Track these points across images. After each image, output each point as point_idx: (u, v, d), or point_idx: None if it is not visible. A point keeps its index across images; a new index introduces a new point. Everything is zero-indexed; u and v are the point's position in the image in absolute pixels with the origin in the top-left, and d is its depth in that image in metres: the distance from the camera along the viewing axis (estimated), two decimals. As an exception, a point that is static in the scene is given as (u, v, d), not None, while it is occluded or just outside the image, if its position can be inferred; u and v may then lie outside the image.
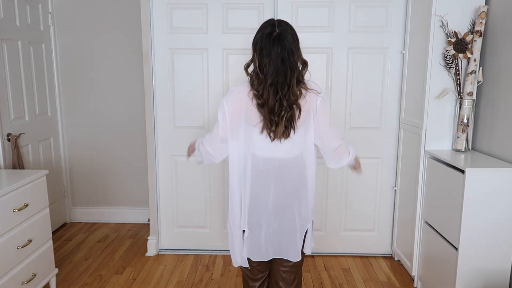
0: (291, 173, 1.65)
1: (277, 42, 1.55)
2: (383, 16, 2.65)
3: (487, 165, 1.99)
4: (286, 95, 1.55)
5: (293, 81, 1.56)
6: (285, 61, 1.54)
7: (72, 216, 3.59)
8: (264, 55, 1.55)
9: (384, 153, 2.81)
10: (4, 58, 2.73)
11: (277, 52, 1.54)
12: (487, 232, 1.96)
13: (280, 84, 1.54)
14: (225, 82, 2.79)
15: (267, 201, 1.65)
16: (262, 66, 1.55)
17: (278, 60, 1.54)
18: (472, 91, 2.22)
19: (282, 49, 1.55)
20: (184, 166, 2.89)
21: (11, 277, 2.02)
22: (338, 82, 2.74)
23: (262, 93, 1.56)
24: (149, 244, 2.97)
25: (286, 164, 1.63)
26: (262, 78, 1.55)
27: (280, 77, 1.54)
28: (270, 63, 1.54)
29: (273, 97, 1.54)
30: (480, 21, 2.14)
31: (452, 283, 2.02)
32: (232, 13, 2.70)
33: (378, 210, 2.88)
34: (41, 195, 2.28)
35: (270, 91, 1.54)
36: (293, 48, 1.56)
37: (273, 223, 1.66)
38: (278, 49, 1.54)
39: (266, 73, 1.55)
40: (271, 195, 1.64)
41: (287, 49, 1.55)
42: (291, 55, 1.56)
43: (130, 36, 3.28)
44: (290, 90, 1.55)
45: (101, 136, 3.46)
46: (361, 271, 2.73)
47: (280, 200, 1.65)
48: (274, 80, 1.54)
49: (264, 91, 1.55)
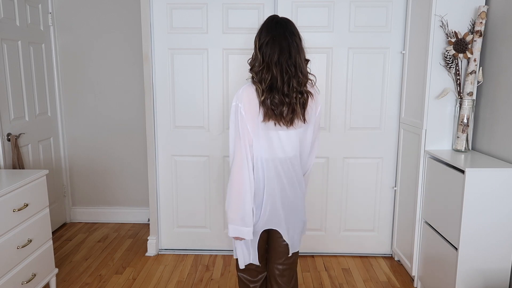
0: (297, 171, 1.65)
1: (280, 25, 1.54)
2: (383, 16, 2.65)
3: (487, 165, 1.99)
4: (295, 76, 1.50)
5: (299, 61, 1.51)
6: (289, 39, 1.51)
7: (72, 216, 3.59)
8: (267, 35, 1.52)
9: (384, 153, 2.81)
10: (4, 58, 2.73)
11: (280, 32, 1.51)
12: (487, 232, 1.96)
13: (286, 62, 1.49)
14: (225, 82, 2.79)
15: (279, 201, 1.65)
16: (265, 48, 1.51)
17: (282, 39, 1.50)
18: (472, 91, 2.21)
19: (285, 29, 1.52)
20: (184, 166, 2.89)
21: (11, 277, 2.02)
22: (338, 82, 2.74)
23: (269, 77, 1.50)
24: (149, 244, 2.97)
25: (294, 162, 1.63)
26: (268, 60, 1.50)
27: (284, 55, 1.49)
28: (274, 43, 1.50)
29: (281, 77, 1.49)
30: (480, 21, 2.13)
31: (452, 283, 2.02)
32: (232, 13, 2.70)
33: (378, 210, 2.88)
34: (41, 195, 2.28)
35: (277, 71, 1.49)
36: (295, 32, 1.54)
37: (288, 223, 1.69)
38: (281, 29, 1.52)
39: (270, 54, 1.50)
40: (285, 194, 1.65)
41: (289, 29, 1.53)
42: (293, 36, 1.52)
43: (130, 36, 3.28)
44: (298, 70, 1.51)
45: (101, 136, 3.46)
46: (361, 271, 2.73)
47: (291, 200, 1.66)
48: (280, 59, 1.49)
49: (270, 74, 1.50)
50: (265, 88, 1.52)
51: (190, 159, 2.89)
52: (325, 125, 2.79)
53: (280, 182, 1.62)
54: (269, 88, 1.51)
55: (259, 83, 1.54)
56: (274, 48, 1.51)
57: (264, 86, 1.52)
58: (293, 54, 1.51)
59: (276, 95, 1.51)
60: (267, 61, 1.51)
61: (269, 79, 1.51)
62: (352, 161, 2.83)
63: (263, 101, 1.52)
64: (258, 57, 1.54)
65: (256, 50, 1.56)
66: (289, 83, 1.50)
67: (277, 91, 1.51)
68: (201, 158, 2.89)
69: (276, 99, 1.51)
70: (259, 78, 1.54)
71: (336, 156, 2.83)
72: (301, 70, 1.52)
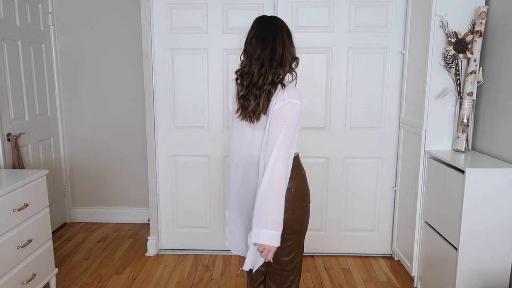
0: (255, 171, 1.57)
1: (265, 21, 1.54)
2: (383, 16, 2.65)
3: (487, 165, 1.99)
4: (274, 71, 1.48)
5: (283, 56, 1.49)
6: (274, 34, 1.49)
7: (72, 216, 3.59)
8: (250, 33, 1.53)
9: (384, 153, 2.81)
10: (4, 58, 2.73)
11: (265, 28, 1.51)
12: (487, 232, 1.96)
13: (268, 57, 1.48)
14: (225, 82, 2.79)
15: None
16: (248, 46, 1.51)
17: (266, 34, 1.49)
18: (472, 91, 2.21)
19: (270, 25, 1.52)
20: (184, 166, 2.89)
21: (11, 277, 2.02)
22: (338, 82, 2.74)
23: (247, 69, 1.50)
24: (149, 244, 2.97)
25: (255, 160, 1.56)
26: (250, 57, 1.50)
27: (266, 50, 1.48)
28: (257, 39, 1.49)
29: (258, 70, 1.48)
30: (480, 21, 2.13)
31: (452, 283, 2.02)
32: (232, 13, 2.70)
33: (378, 210, 2.88)
34: (41, 195, 2.28)
35: (256, 64, 1.48)
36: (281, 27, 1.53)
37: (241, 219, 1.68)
38: (265, 26, 1.52)
39: (252, 51, 1.49)
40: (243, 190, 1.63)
41: (275, 25, 1.52)
42: (280, 31, 1.51)
43: (130, 36, 3.28)
44: (279, 66, 1.48)
45: (101, 136, 3.46)
46: (361, 271, 2.73)
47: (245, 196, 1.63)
48: (261, 54, 1.48)
49: (250, 66, 1.49)
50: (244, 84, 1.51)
51: (190, 159, 2.89)
52: (325, 125, 2.79)
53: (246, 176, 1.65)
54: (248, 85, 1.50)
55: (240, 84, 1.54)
56: (257, 44, 1.50)
57: (245, 83, 1.51)
58: (277, 50, 1.49)
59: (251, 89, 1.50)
60: (249, 59, 1.51)
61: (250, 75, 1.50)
62: (352, 161, 2.83)
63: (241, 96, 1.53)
64: (244, 60, 1.54)
65: (243, 52, 1.56)
66: (265, 76, 1.47)
67: (253, 86, 1.49)
68: (201, 158, 2.89)
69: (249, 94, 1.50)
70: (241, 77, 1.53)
71: (336, 156, 2.83)
72: (281, 66, 1.49)
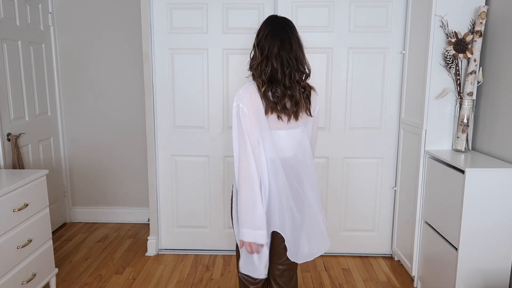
0: (308, 172, 1.61)
1: (280, 20, 1.54)
2: (383, 16, 2.65)
3: (487, 165, 1.99)
4: (297, 70, 1.48)
5: (300, 55, 1.49)
6: (289, 33, 1.50)
7: (72, 216, 3.59)
8: (266, 29, 1.51)
9: (384, 153, 2.81)
10: (4, 58, 2.73)
11: (280, 26, 1.50)
12: (487, 232, 1.96)
13: (287, 55, 1.47)
14: (225, 82, 2.79)
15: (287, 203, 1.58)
16: (264, 41, 1.49)
17: (283, 32, 1.49)
18: (472, 91, 2.21)
19: (285, 24, 1.52)
20: (184, 166, 2.89)
21: (11, 277, 2.02)
22: (338, 82, 2.74)
23: (268, 69, 1.47)
24: (149, 244, 2.97)
25: (301, 161, 1.61)
26: (268, 53, 1.48)
27: (285, 48, 1.47)
28: (274, 36, 1.48)
29: (281, 69, 1.47)
30: (480, 21, 2.13)
31: (452, 283, 2.02)
32: (232, 13, 2.70)
33: (378, 210, 2.88)
34: (41, 195, 2.28)
35: (277, 64, 1.47)
36: (294, 29, 1.54)
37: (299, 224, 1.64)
38: (281, 24, 1.52)
39: (270, 46, 1.48)
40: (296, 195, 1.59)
41: (290, 25, 1.53)
42: (294, 31, 1.52)
43: (130, 36, 3.28)
44: (299, 63, 1.49)
45: (101, 136, 3.46)
46: (361, 271, 2.73)
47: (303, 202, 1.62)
48: (280, 52, 1.47)
49: (270, 67, 1.47)
50: (265, 80, 1.48)
51: (190, 159, 2.89)
52: (325, 125, 2.79)
53: (289, 183, 1.56)
54: (269, 81, 1.48)
55: (258, 77, 1.50)
56: (274, 41, 1.49)
57: (264, 77, 1.48)
58: (294, 47, 1.49)
59: (278, 88, 1.48)
60: (266, 54, 1.48)
61: (269, 71, 1.48)
62: (352, 161, 2.83)
63: (264, 93, 1.48)
64: (256, 53, 1.52)
65: (255, 46, 1.54)
66: (291, 76, 1.47)
67: (278, 84, 1.48)
68: (201, 158, 2.89)
69: (278, 92, 1.47)
70: (259, 71, 1.50)
71: (336, 156, 2.83)
72: (302, 64, 1.51)
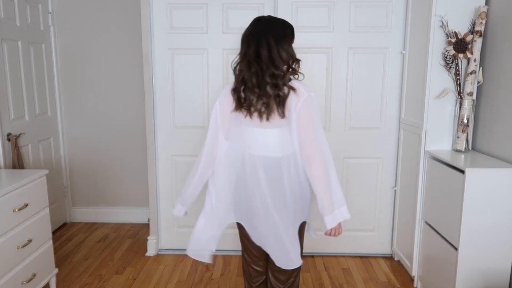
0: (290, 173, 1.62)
1: (262, 21, 1.56)
2: (383, 16, 2.65)
3: (487, 165, 1.99)
4: (267, 69, 1.48)
5: (278, 54, 1.49)
6: (269, 33, 1.50)
7: (72, 216, 3.59)
8: (245, 33, 1.55)
9: (384, 153, 2.81)
10: (4, 58, 2.73)
11: (260, 27, 1.53)
12: (487, 232, 1.96)
13: (255, 55, 1.49)
14: (225, 82, 2.79)
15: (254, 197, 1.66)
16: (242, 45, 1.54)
17: (260, 33, 1.50)
18: (472, 91, 2.21)
19: (266, 24, 1.54)
20: (184, 166, 2.89)
21: (11, 277, 2.02)
22: (338, 82, 2.74)
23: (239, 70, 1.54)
24: (149, 244, 2.97)
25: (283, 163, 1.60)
26: (242, 55, 1.53)
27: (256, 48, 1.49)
28: (252, 38, 1.51)
29: (247, 69, 1.51)
30: (480, 21, 2.13)
31: (452, 283, 2.02)
32: (232, 13, 2.70)
33: (378, 210, 2.88)
34: (41, 195, 2.28)
35: (245, 64, 1.51)
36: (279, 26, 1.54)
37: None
38: (261, 25, 1.54)
39: (246, 49, 1.52)
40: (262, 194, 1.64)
41: (271, 24, 1.54)
42: (276, 30, 1.52)
43: (130, 36, 3.28)
44: (270, 64, 1.49)
45: (101, 136, 3.46)
46: (361, 271, 2.73)
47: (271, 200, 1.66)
48: (249, 52, 1.50)
49: (239, 68, 1.54)
50: (238, 79, 1.55)
51: (190, 159, 2.89)
52: (325, 125, 2.79)
53: (255, 179, 1.61)
54: (242, 80, 1.54)
55: (236, 76, 1.59)
56: (244, 43, 1.54)
57: (237, 77, 1.56)
58: (265, 49, 1.49)
59: (246, 87, 1.53)
60: (241, 55, 1.55)
61: (239, 71, 1.55)
62: (352, 161, 2.83)
63: (233, 89, 1.57)
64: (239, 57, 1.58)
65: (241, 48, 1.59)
66: (258, 76, 1.49)
67: (246, 83, 1.53)
68: (201, 158, 2.88)
69: (246, 91, 1.53)
70: (236, 71, 1.58)
71: (336, 156, 2.82)
72: (274, 64, 1.48)
